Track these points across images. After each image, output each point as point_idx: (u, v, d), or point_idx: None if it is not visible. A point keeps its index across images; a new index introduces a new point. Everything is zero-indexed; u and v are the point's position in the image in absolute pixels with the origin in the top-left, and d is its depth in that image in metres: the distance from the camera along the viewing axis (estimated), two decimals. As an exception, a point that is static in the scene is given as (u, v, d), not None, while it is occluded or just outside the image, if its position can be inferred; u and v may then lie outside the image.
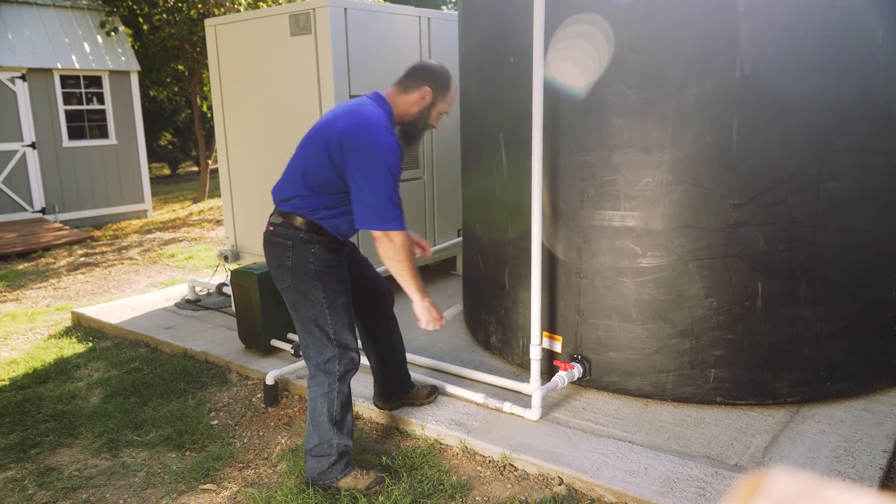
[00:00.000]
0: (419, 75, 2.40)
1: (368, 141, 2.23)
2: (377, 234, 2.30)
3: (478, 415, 2.92)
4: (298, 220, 2.35)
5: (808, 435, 2.66)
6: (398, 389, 2.94)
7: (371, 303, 2.71)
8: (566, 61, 2.86)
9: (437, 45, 4.68)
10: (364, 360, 3.20)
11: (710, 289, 2.80)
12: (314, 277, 2.35)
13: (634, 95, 2.75)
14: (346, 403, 2.48)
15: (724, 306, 2.81)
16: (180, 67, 12.13)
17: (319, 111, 4.19)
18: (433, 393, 3.03)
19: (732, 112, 2.66)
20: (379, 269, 3.12)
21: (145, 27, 10.67)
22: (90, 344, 4.20)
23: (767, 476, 0.44)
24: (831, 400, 2.91)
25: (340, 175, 2.30)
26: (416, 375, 3.20)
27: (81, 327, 4.58)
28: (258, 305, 3.57)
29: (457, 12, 3.78)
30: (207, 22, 4.76)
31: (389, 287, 2.72)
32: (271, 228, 2.41)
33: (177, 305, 4.76)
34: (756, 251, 2.75)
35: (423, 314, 2.46)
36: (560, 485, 2.48)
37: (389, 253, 2.31)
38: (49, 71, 8.71)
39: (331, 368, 2.42)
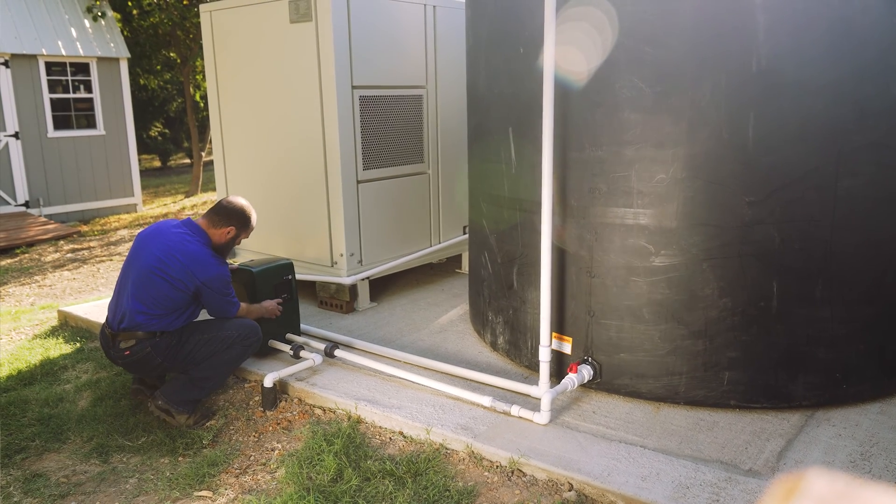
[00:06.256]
0: (225, 216, 3.06)
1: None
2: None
3: (485, 418, 2.84)
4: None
5: (824, 439, 2.61)
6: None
7: None
8: (577, 53, 2.77)
9: (442, 34, 4.56)
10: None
11: (725, 289, 2.73)
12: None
13: (648, 89, 2.66)
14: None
15: (739, 307, 2.74)
16: (172, 55, 11.88)
17: (320, 102, 4.06)
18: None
19: (748, 107, 2.59)
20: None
21: (135, 12, 10.41)
22: (78, 344, 4.06)
23: (804, 478, 0.44)
24: (847, 403, 2.86)
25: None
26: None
27: (68, 327, 4.44)
28: (254, 304, 3.46)
29: (464, 0, 3.68)
30: (203, 7, 4.61)
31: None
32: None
33: (168, 302, 4.62)
34: (771, 250, 2.68)
35: (271, 310, 3.38)
36: (570, 490, 2.41)
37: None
38: (33, 57, 8.47)
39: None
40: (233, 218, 3.05)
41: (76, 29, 8.95)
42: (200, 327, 3.02)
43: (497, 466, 2.57)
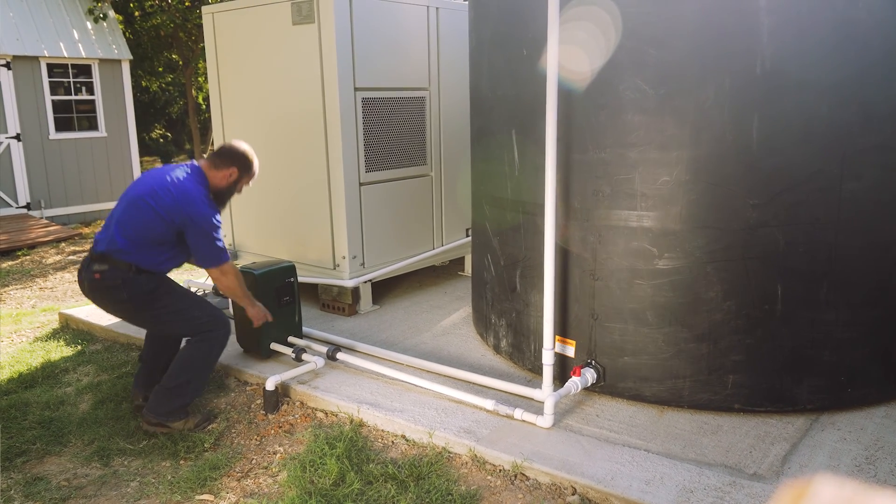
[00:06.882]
0: (228, 157, 2.99)
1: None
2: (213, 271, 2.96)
3: (488, 422, 2.83)
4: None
5: (829, 443, 2.60)
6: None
7: None
8: (581, 55, 2.76)
9: (445, 36, 4.55)
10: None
11: (729, 292, 2.71)
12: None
13: (651, 91, 2.65)
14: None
15: (743, 310, 2.72)
16: (174, 56, 11.88)
17: (322, 103, 4.06)
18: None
19: (752, 109, 2.58)
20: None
21: (137, 14, 10.42)
22: (79, 347, 4.05)
23: (811, 484, 0.44)
24: (852, 407, 2.84)
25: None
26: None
27: (69, 329, 4.42)
28: (256, 306, 3.44)
29: (467, 2, 3.67)
30: (205, 9, 4.61)
31: None
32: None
33: (169, 304, 4.61)
34: (776, 253, 2.67)
35: (257, 312, 3.17)
36: (573, 494, 2.40)
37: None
38: (35, 59, 8.47)
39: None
40: (236, 160, 2.97)
41: (78, 30, 8.95)
42: (178, 293, 2.96)
43: (500, 470, 2.56)
